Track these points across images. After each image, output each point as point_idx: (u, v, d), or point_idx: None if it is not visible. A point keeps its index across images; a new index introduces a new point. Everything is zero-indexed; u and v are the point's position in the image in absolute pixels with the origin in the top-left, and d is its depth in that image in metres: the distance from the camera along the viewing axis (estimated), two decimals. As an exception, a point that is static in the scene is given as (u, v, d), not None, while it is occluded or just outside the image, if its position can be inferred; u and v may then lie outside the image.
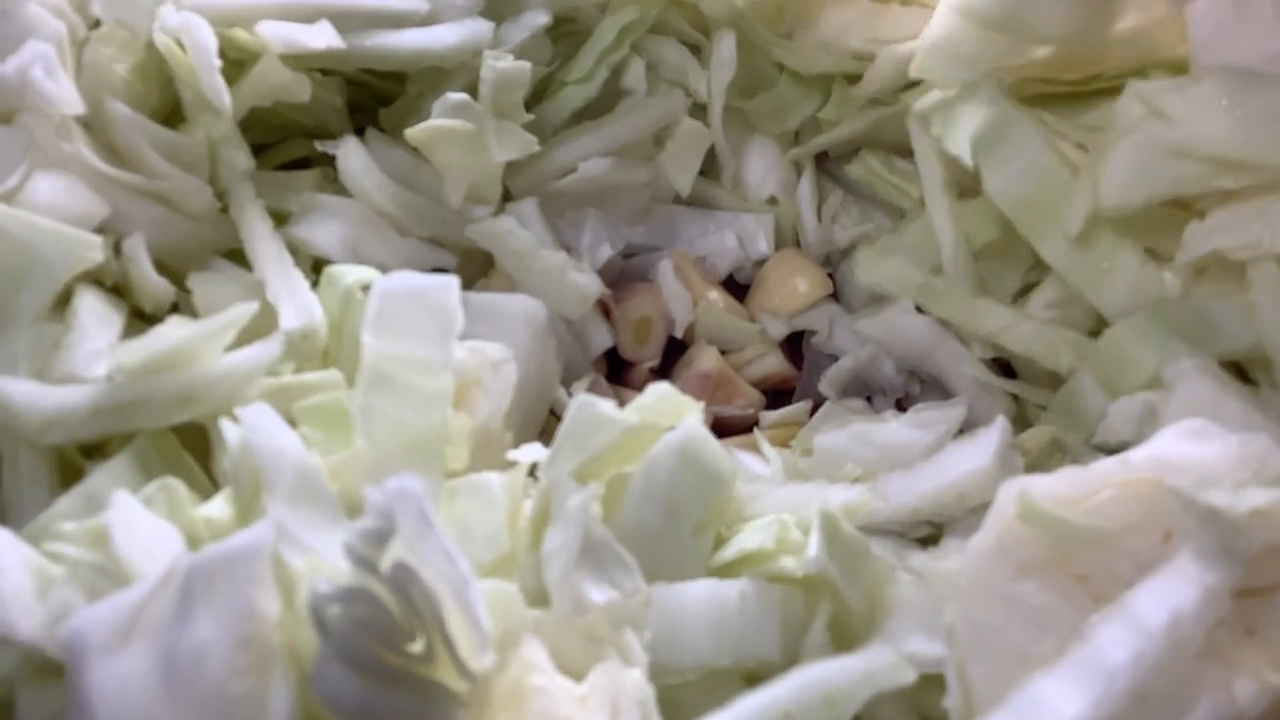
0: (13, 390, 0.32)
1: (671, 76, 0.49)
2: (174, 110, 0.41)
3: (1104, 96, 0.42)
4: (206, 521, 0.31)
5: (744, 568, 0.32)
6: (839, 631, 0.31)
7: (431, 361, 0.33)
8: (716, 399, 0.46)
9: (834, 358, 0.47)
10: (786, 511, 0.34)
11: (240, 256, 0.40)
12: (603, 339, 0.46)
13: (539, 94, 0.47)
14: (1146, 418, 0.38)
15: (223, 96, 0.39)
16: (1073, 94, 0.43)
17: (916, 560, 0.34)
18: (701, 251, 0.49)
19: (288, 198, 0.42)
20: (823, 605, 0.31)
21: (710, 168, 0.50)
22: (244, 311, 0.34)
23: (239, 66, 0.41)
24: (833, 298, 0.49)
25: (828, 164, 0.51)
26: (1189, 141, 0.38)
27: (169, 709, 0.26)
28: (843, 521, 0.31)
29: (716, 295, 0.48)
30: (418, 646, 0.26)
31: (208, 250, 0.40)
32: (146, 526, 0.29)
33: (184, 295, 0.38)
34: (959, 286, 0.43)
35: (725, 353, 0.48)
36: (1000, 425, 0.38)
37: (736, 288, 0.50)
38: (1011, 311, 0.43)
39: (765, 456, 0.42)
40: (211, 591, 0.26)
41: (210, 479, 0.34)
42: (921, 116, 0.44)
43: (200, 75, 0.39)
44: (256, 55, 0.40)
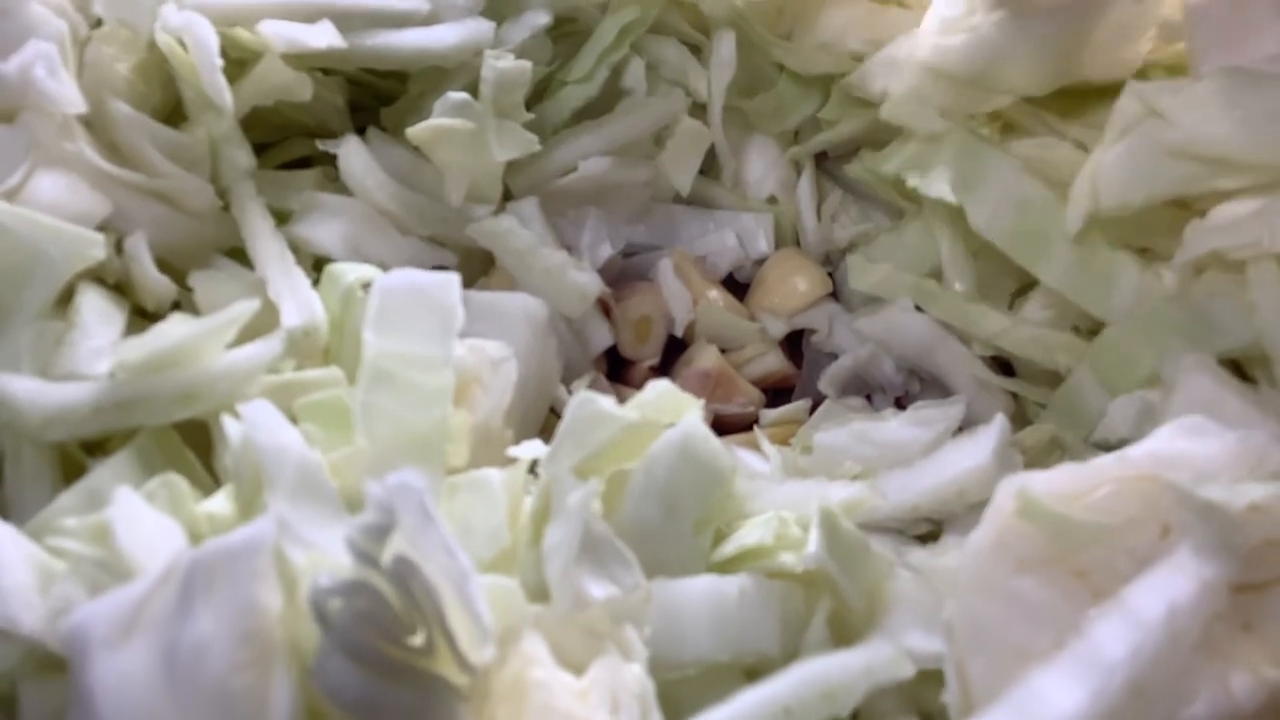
0: (15, 387, 0.32)
1: (671, 76, 0.49)
2: (176, 109, 0.41)
3: (1103, 96, 0.42)
4: (208, 517, 0.31)
5: (744, 564, 0.32)
6: (838, 627, 0.31)
7: (432, 358, 0.33)
8: (716, 397, 0.46)
9: (834, 356, 0.47)
10: (786, 508, 0.34)
11: (242, 255, 0.40)
12: (603, 337, 0.46)
13: (539, 93, 0.48)
14: (1145, 416, 0.38)
15: (224, 95, 0.39)
16: (1072, 91, 0.43)
17: (915, 557, 0.34)
18: (701, 250, 0.50)
19: (289, 196, 0.42)
20: (822, 601, 0.31)
21: (710, 167, 0.50)
22: (245, 309, 0.34)
23: (240, 66, 0.41)
24: (832, 296, 0.49)
25: (827, 163, 0.51)
26: (1188, 142, 0.38)
27: (171, 703, 0.26)
28: (842, 518, 0.32)
29: (716, 294, 0.48)
30: (418, 640, 0.26)
31: (209, 248, 0.40)
32: (148, 522, 0.29)
33: (185, 293, 0.38)
34: (957, 287, 0.44)
35: (725, 351, 0.48)
36: (999, 423, 0.38)
37: (736, 286, 0.50)
38: (1007, 316, 0.43)
39: (765, 454, 0.42)
40: (213, 586, 0.26)
41: (212, 476, 0.34)
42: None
43: (202, 74, 0.39)
44: (258, 54, 0.40)
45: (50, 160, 0.37)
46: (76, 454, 0.34)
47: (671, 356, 0.48)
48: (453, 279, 0.34)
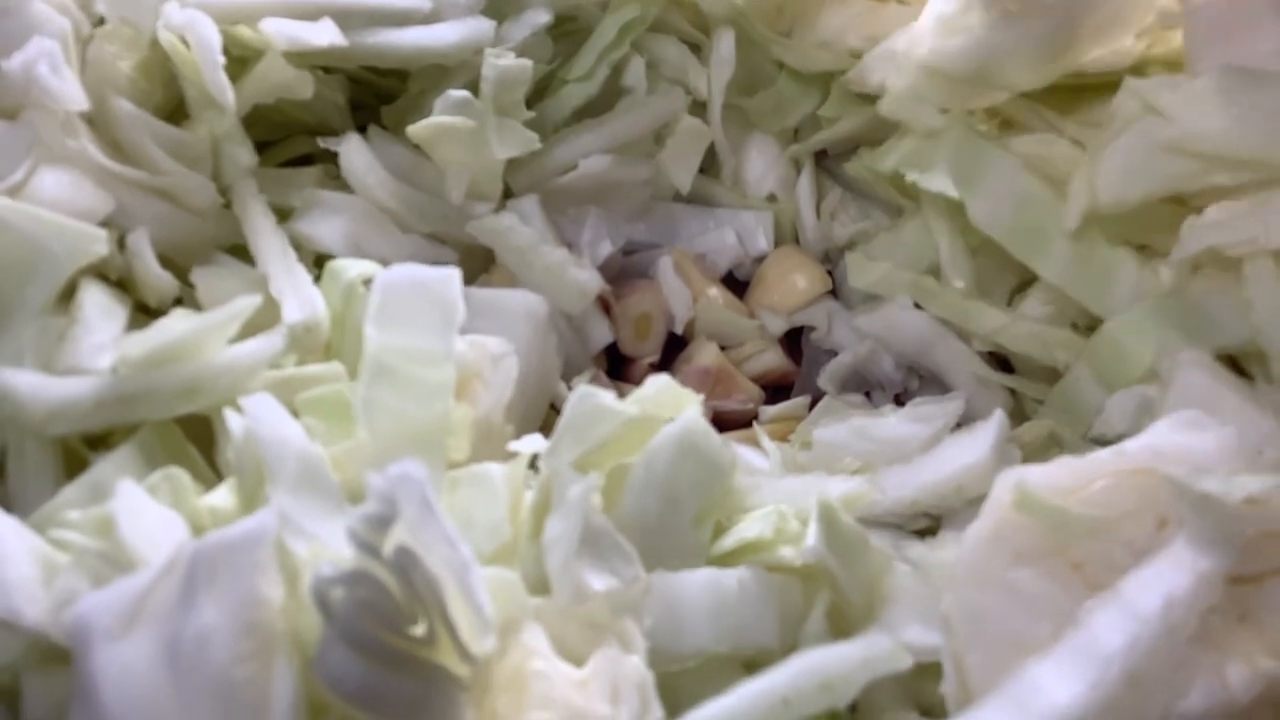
0: (18, 382, 0.33)
1: (671, 74, 0.49)
2: (178, 107, 0.41)
3: (1101, 93, 0.42)
4: (210, 511, 0.31)
5: (743, 557, 0.32)
6: (837, 620, 0.31)
7: (433, 353, 0.33)
8: (716, 394, 0.46)
9: (833, 353, 0.47)
10: (785, 502, 0.34)
11: (243, 252, 0.40)
12: (603, 335, 0.47)
13: (540, 92, 0.48)
14: (1143, 411, 0.38)
15: (226, 93, 0.39)
16: (1070, 88, 0.43)
17: (914, 551, 0.34)
18: (701, 248, 0.50)
19: (290, 194, 0.42)
20: (821, 594, 0.31)
21: (710, 165, 0.51)
22: (247, 304, 0.34)
23: (242, 64, 0.41)
24: (832, 294, 0.49)
25: (827, 161, 0.51)
26: (1185, 138, 0.38)
27: (173, 694, 0.26)
28: (841, 512, 0.32)
29: (716, 292, 0.49)
30: (420, 630, 0.26)
31: (211, 245, 0.40)
32: (151, 515, 0.30)
33: (187, 289, 0.38)
34: (956, 284, 0.44)
35: (725, 348, 0.48)
36: (997, 419, 0.38)
37: (736, 284, 0.50)
38: (1005, 313, 0.43)
39: (764, 450, 0.42)
40: (215, 578, 0.27)
41: (214, 470, 0.34)
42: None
43: (204, 72, 0.39)
44: (260, 52, 0.41)
45: (53, 157, 0.37)
46: (79, 448, 0.34)
47: (671, 354, 0.49)
48: (454, 273, 0.34)
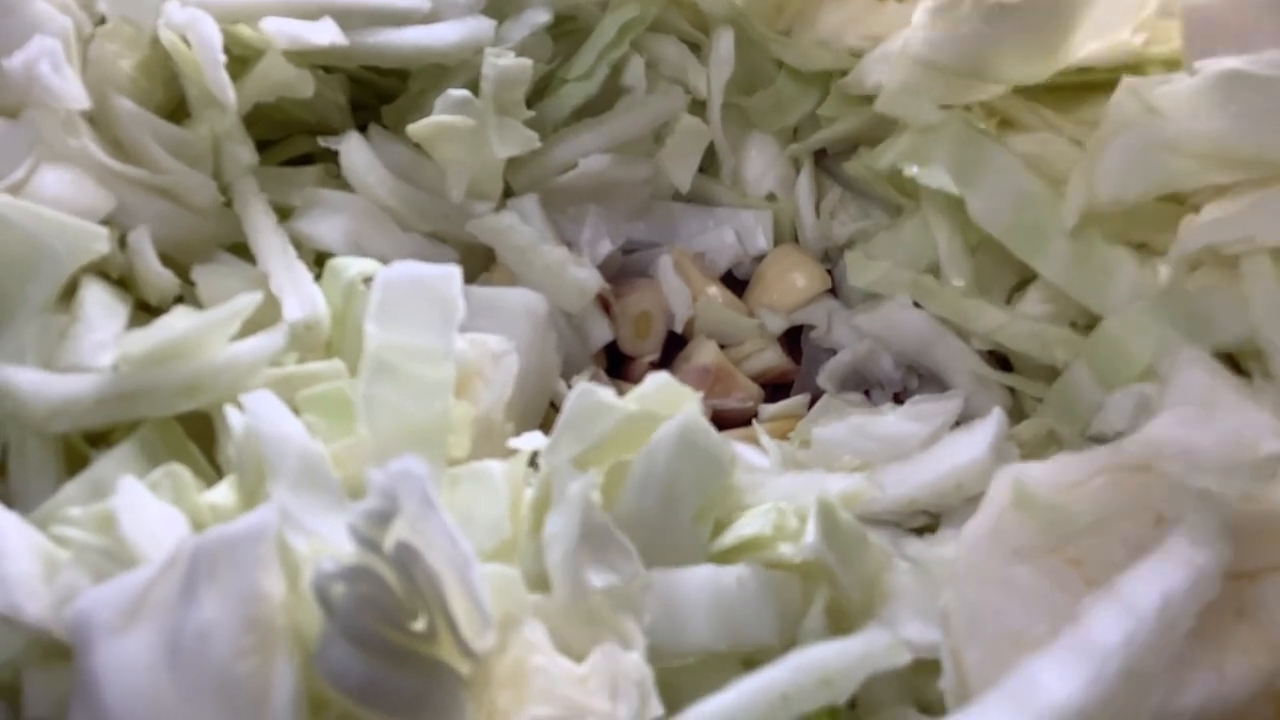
0: (20, 379, 0.33)
1: (671, 74, 0.49)
2: (179, 106, 0.42)
3: (1099, 92, 0.42)
4: (211, 507, 0.31)
5: (742, 554, 0.32)
6: (836, 617, 0.32)
7: (433, 350, 0.33)
8: (716, 392, 0.46)
9: (832, 352, 0.48)
10: (784, 500, 0.34)
11: (244, 250, 0.40)
12: (603, 333, 0.47)
13: (540, 91, 0.48)
14: (1141, 409, 0.38)
15: (227, 92, 0.39)
16: (1068, 87, 0.43)
17: (913, 548, 0.35)
18: (701, 247, 0.50)
19: (291, 193, 0.43)
20: (820, 591, 0.32)
21: (709, 164, 0.51)
22: (248, 302, 0.34)
23: (243, 63, 0.41)
24: (831, 293, 0.49)
25: (826, 160, 0.51)
26: (1183, 137, 0.38)
27: (174, 689, 0.26)
28: (840, 509, 0.32)
29: (716, 290, 0.49)
30: (420, 625, 0.26)
31: (212, 244, 0.40)
32: (152, 511, 0.30)
33: (188, 287, 0.39)
34: (955, 283, 0.44)
35: (724, 347, 0.48)
36: (996, 417, 0.38)
37: (735, 283, 0.50)
38: (1004, 312, 0.43)
39: (764, 448, 0.42)
40: (216, 573, 0.27)
41: (214, 468, 0.34)
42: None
43: (205, 71, 0.39)
44: (261, 52, 0.41)
45: (54, 155, 0.37)
46: (80, 445, 0.34)
47: (671, 352, 0.49)
48: (454, 271, 0.34)
